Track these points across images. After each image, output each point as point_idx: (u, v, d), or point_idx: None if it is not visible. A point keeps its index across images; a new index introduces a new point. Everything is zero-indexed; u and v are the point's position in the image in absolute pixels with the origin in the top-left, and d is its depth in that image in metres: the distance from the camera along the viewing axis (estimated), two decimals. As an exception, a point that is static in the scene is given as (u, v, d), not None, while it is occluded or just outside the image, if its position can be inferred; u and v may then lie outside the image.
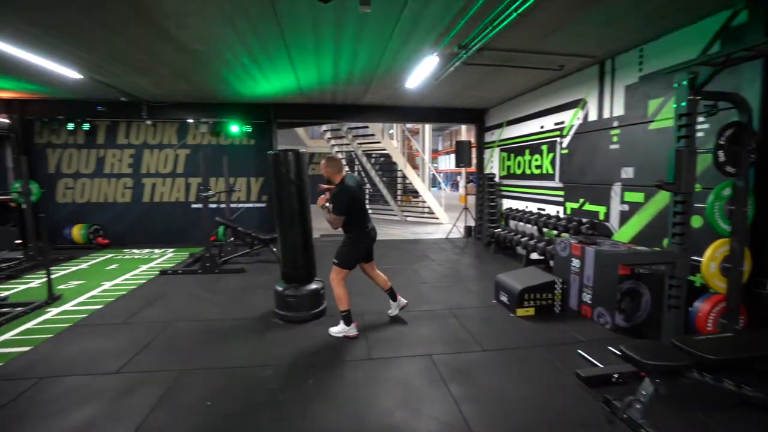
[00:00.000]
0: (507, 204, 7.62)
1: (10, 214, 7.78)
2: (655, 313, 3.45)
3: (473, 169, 8.77)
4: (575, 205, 5.47)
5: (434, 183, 19.92)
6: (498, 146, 7.92)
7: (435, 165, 35.20)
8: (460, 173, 20.89)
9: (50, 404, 2.57)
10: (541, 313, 4.12)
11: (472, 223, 8.66)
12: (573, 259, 4.24)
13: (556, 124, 5.92)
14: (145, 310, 4.35)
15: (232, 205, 7.77)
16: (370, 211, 12.29)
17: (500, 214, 7.68)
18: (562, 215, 5.73)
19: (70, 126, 7.61)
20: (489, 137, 8.41)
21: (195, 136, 8.23)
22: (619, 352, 2.61)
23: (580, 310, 4.14)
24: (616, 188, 4.64)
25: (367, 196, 13.14)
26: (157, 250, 7.73)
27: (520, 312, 4.11)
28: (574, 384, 2.75)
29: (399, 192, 12.91)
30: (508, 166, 7.50)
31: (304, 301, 3.99)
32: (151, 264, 6.57)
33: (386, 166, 12.81)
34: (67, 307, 4.45)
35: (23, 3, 3.29)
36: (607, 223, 4.81)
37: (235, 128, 7.87)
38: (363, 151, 11.72)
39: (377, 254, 3.92)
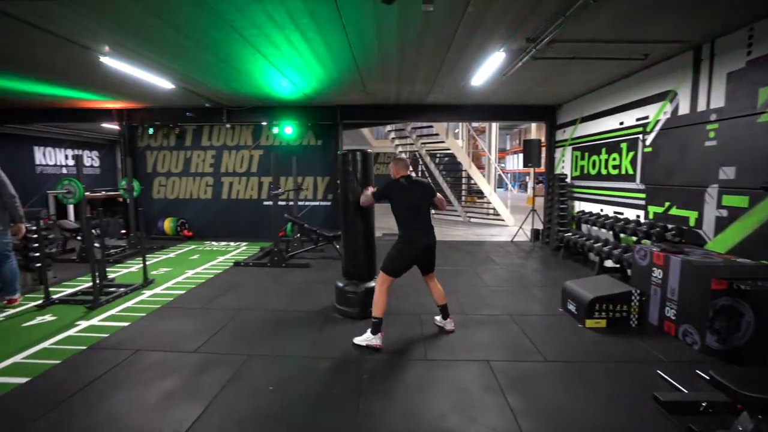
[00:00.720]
0: (579, 206, 7.09)
1: (118, 207, 9.00)
2: (759, 337, 2.98)
3: (542, 169, 8.29)
4: (659, 210, 4.92)
5: (500, 183, 19.19)
6: (570, 145, 7.41)
7: (502, 165, 33.92)
8: (528, 173, 19.89)
9: (142, 373, 2.92)
10: (614, 326, 3.78)
11: (540, 226, 8.21)
12: (655, 268, 3.82)
13: (638, 119, 5.37)
14: (220, 297, 4.76)
15: (300, 203, 8.20)
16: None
17: (571, 217, 7.18)
18: (642, 220, 5.19)
19: (165, 131, 8.59)
20: (560, 135, 7.90)
21: (267, 138, 8.82)
22: (708, 378, 2.30)
23: (662, 326, 3.72)
24: (712, 191, 4.09)
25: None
26: (232, 243, 8.41)
27: (590, 323, 3.80)
28: (650, 408, 2.48)
29: (463, 192, 12.65)
30: (582, 166, 6.97)
31: (363, 298, 4.07)
32: (227, 255, 7.17)
33: (450, 166, 12.61)
34: (158, 290, 5.03)
35: (131, 27, 3.77)
36: (698, 231, 4.25)
37: (302, 130, 8.29)
38: (427, 150, 11.65)
39: (437, 255, 3.83)
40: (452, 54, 4.68)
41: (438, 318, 3.84)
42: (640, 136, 5.30)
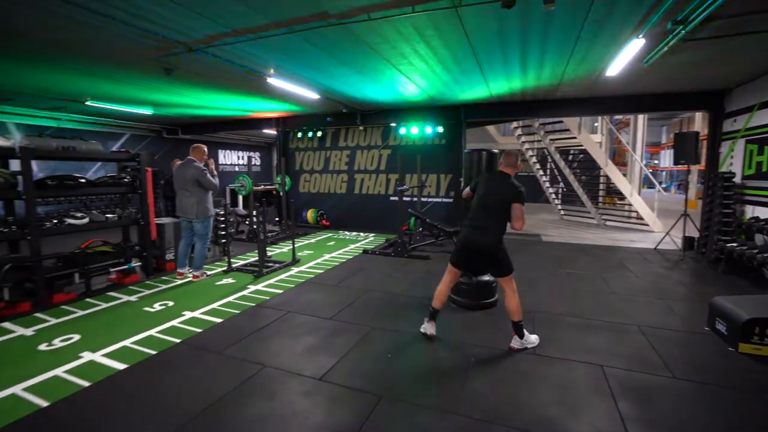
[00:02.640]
0: (752, 212, 5.86)
1: (273, 199, 10.89)
2: None
3: (701, 166, 7.03)
4: None
5: (647, 183, 16.57)
6: (744, 137, 6.14)
7: (654, 162, 29.02)
8: (689, 171, 16.66)
9: (292, 329, 3.73)
10: (780, 355, 3.18)
11: (695, 234, 7.02)
12: None
13: None
14: (350, 278, 5.52)
15: (423, 199, 8.68)
16: (560, 210, 11.45)
17: (739, 225, 5.98)
18: None
19: (310, 134, 10.07)
20: (729, 126, 6.59)
21: (395, 138, 9.54)
22: None
23: None
24: None
25: (556, 196, 12.19)
26: (362, 234, 9.39)
27: (745, 348, 3.27)
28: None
29: (600, 193, 11.44)
30: (759, 163, 5.74)
31: (476, 290, 4.29)
32: (357, 244, 8.08)
33: (584, 163, 11.52)
34: (302, 268, 6.08)
35: (290, 53, 4.70)
36: None
37: (428, 129, 8.74)
38: (557, 147, 10.90)
39: (560, 257, 3.76)
40: (580, 46, 4.47)
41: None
42: None
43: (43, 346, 3.34)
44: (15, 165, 4.25)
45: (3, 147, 4.15)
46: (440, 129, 8.68)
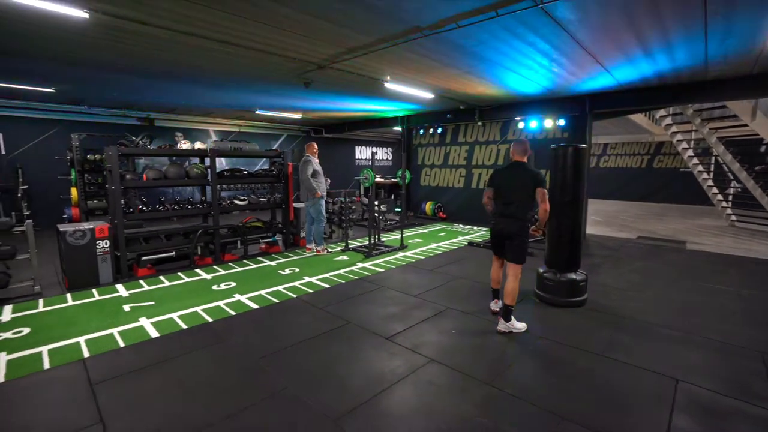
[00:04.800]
0: None
1: (396, 191, 11.89)
2: None
3: None
4: None
5: None
6: None
7: None
8: None
9: (380, 300, 4.41)
10: None
11: None
12: None
13: None
14: (447, 265, 5.93)
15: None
16: (730, 215, 9.30)
17: None
18: None
19: (431, 131, 10.65)
20: None
21: (514, 133, 9.36)
22: None
23: None
24: None
25: (724, 198, 9.96)
26: (475, 227, 9.57)
27: None
28: None
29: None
30: None
31: (561, 287, 4.24)
32: (467, 236, 8.35)
33: (760, 157, 9.09)
34: (408, 253, 6.74)
35: (403, 63, 5.34)
36: None
37: (548, 123, 8.34)
38: (719, 137, 8.89)
39: (697, 268, 3.41)
40: (714, 20, 3.88)
41: (493, 304, 3.95)
42: None
43: (215, 287, 4.81)
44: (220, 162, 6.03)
45: (201, 149, 5.95)
46: (561, 122, 8.18)
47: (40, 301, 4.26)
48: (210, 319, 3.80)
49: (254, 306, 4.17)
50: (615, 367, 2.99)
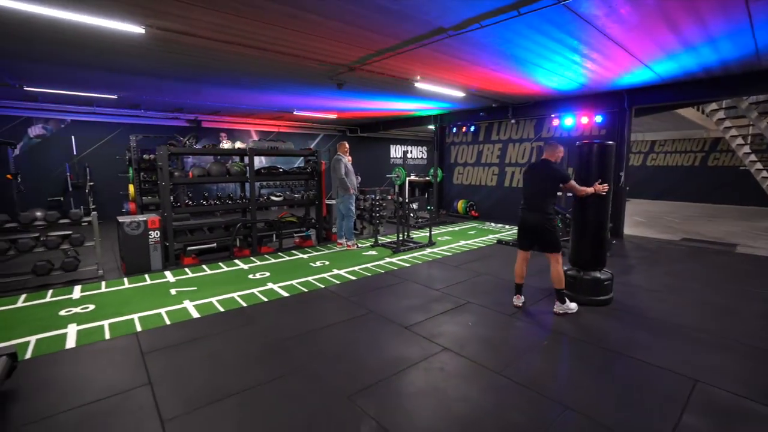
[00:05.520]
0: None
1: (428, 189, 11.97)
2: None
3: None
4: None
5: None
6: None
7: None
8: None
9: (402, 292, 4.59)
10: None
11: None
12: None
13: None
14: (472, 262, 5.99)
15: (569, 195, 8.15)
16: None
17: None
18: None
19: (464, 129, 10.63)
20: None
21: (548, 130, 9.17)
22: None
23: None
24: None
25: None
26: (507, 226, 9.48)
27: None
28: None
29: None
30: None
31: (583, 285, 4.21)
32: (497, 235, 8.31)
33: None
34: (435, 250, 6.86)
35: (432, 64, 5.47)
36: None
37: (584, 119, 8.11)
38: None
39: (743, 272, 3.33)
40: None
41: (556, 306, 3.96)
42: None
43: (250, 276, 5.19)
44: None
45: (241, 148, 6.40)
46: (598, 118, 7.93)
47: (103, 283, 4.83)
48: (244, 304, 4.15)
49: (285, 294, 4.49)
50: (630, 365, 2.98)
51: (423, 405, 2.47)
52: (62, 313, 3.89)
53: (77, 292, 4.53)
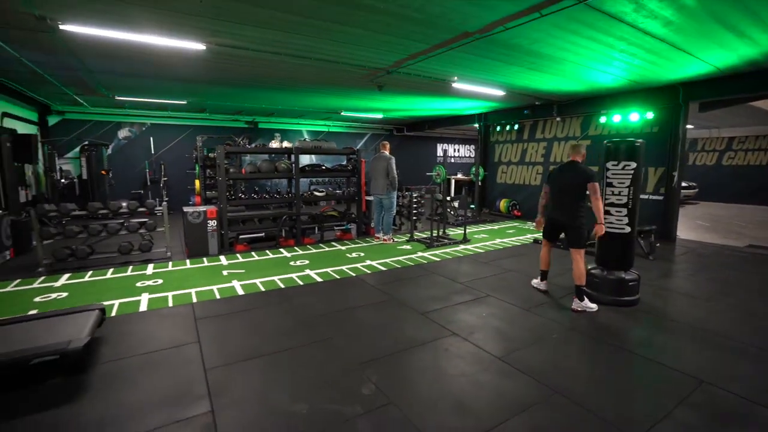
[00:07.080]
0: None
1: (470, 187, 12.00)
2: None
3: None
4: None
5: None
6: None
7: None
8: None
9: (427, 284, 4.86)
10: None
11: None
12: None
13: None
14: (503, 259, 6.08)
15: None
16: None
17: None
18: None
19: (508, 127, 10.54)
20: None
21: (596, 128, 8.84)
22: None
23: None
24: None
25: None
26: (549, 226, 9.28)
27: None
28: None
29: None
30: None
31: (607, 285, 4.20)
32: (535, 234, 8.23)
33: None
34: (468, 246, 7.01)
35: (469, 65, 5.67)
36: None
37: (634, 116, 7.76)
38: None
39: None
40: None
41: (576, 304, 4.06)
42: None
43: (292, 263, 5.76)
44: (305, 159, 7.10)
45: (287, 147, 7.03)
46: (650, 114, 7.54)
47: (170, 263, 5.65)
48: (283, 286, 4.68)
49: (319, 279, 4.96)
50: (638, 362, 3.02)
51: (421, 377, 2.76)
52: (138, 284, 4.69)
53: (150, 269, 5.37)
